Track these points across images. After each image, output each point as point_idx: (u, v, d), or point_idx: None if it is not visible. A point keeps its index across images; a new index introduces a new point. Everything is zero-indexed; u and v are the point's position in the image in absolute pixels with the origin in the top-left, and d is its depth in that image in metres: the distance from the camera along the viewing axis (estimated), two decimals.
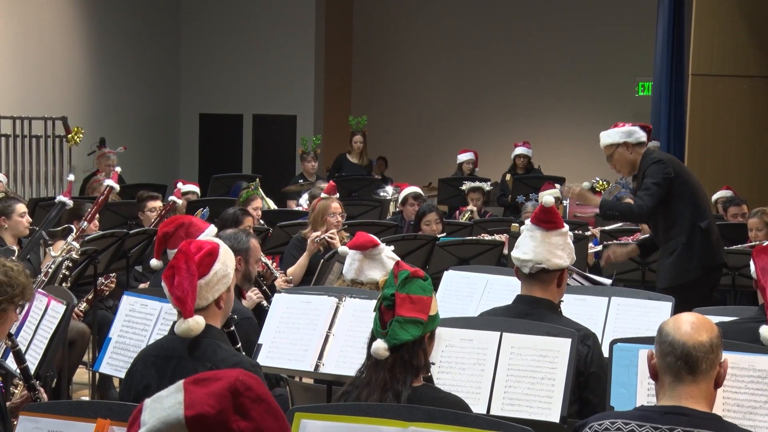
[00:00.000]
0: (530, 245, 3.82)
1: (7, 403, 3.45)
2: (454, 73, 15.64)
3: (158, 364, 3.32)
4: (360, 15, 16.10)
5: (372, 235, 4.74)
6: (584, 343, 3.67)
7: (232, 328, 3.61)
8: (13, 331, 3.71)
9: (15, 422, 2.83)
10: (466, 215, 9.18)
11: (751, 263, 3.84)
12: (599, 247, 7.31)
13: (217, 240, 3.52)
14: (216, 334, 3.35)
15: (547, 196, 3.99)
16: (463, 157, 11.59)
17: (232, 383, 1.54)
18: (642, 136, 6.02)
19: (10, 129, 11.14)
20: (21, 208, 6.57)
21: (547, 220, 3.87)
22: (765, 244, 3.95)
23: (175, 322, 3.31)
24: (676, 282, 5.76)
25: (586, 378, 3.65)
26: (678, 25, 10.82)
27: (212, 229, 4.52)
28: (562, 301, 3.92)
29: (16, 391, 3.72)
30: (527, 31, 15.34)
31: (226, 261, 3.37)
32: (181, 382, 1.56)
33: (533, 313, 3.75)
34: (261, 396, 1.55)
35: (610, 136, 6.10)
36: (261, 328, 4.28)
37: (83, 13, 12.82)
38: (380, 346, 2.86)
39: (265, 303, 5.30)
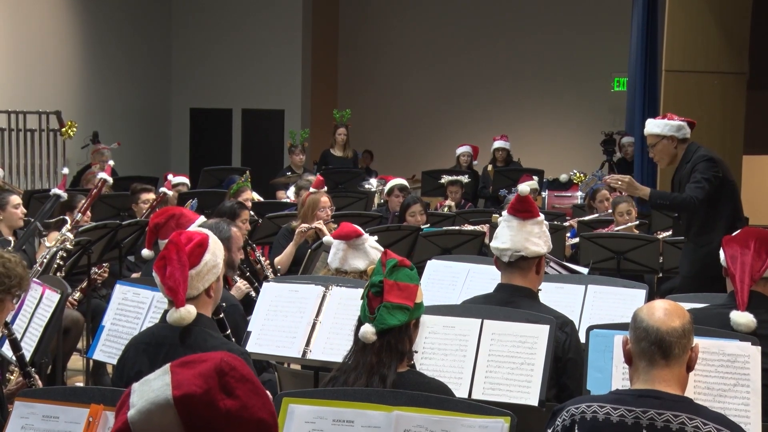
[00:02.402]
0: (508, 234, 3.83)
1: (4, 389, 3.44)
2: (438, 70, 15.65)
3: (149, 352, 3.31)
4: (346, 12, 16.08)
5: (356, 226, 4.75)
6: (562, 330, 3.68)
7: (221, 316, 3.61)
8: (9, 319, 3.70)
9: (11, 407, 2.82)
10: (445, 210, 9.18)
11: (721, 252, 3.87)
12: (576, 239, 7.33)
13: (207, 231, 3.51)
14: (206, 323, 3.34)
15: (523, 186, 4.01)
16: (460, 150, 11.65)
17: (218, 364, 1.54)
18: (688, 132, 5.86)
19: (5, 123, 11.10)
20: (15, 199, 6.54)
21: (523, 209, 3.88)
22: (734, 234, 3.95)
23: (166, 311, 3.31)
24: (704, 274, 5.66)
25: (564, 364, 3.66)
26: (652, 23, 10.86)
27: (202, 219, 4.51)
28: (540, 289, 3.94)
29: (12, 377, 3.71)
30: (509, 29, 15.36)
31: (215, 251, 3.37)
32: (168, 365, 1.57)
33: (514, 300, 3.76)
34: (245, 376, 1.56)
35: (658, 126, 5.89)
36: (249, 316, 4.28)
37: (76, 9, 12.76)
38: (368, 330, 2.86)
39: (253, 294, 5.30)
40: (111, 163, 7.82)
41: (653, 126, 5.93)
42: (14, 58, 11.50)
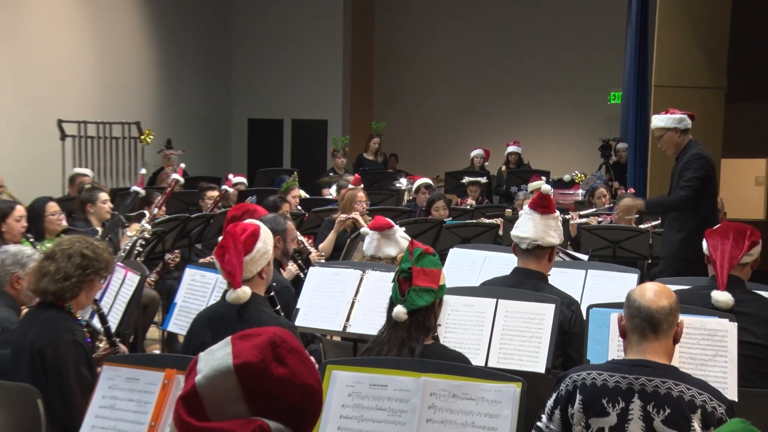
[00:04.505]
0: (529, 225, 3.82)
1: (93, 355, 3.48)
2: (459, 85, 15.60)
3: (212, 326, 3.33)
4: (380, 36, 16.06)
5: (388, 219, 4.74)
6: (569, 308, 3.66)
7: (272, 294, 3.62)
8: (97, 297, 3.74)
9: (100, 370, 2.85)
10: (467, 207, 9.15)
11: (704, 242, 3.85)
12: (583, 220, 7.31)
13: (258, 222, 3.53)
14: (259, 300, 3.36)
15: (546, 185, 3.99)
16: (474, 153, 11.65)
17: (272, 337, 1.55)
18: (689, 123, 5.77)
19: (95, 132, 11.22)
20: (104, 196, 6.61)
21: (544, 205, 3.86)
22: (715, 227, 3.92)
23: (226, 291, 3.33)
24: (681, 255, 5.65)
25: (570, 337, 3.64)
26: (643, 44, 10.75)
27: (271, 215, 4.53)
28: (550, 274, 3.92)
29: (101, 345, 3.75)
30: (520, 49, 15.28)
31: (266, 240, 3.38)
32: (229, 338, 1.57)
33: (528, 282, 3.75)
34: (295, 348, 1.56)
35: (662, 120, 5.79)
36: (298, 295, 4.30)
37: (153, 35, 12.86)
38: (400, 310, 2.85)
39: (301, 274, 5.31)
40: (183, 165, 7.88)
41: (658, 120, 5.83)
42: (102, 79, 11.61)
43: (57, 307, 3.41)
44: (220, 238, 3.47)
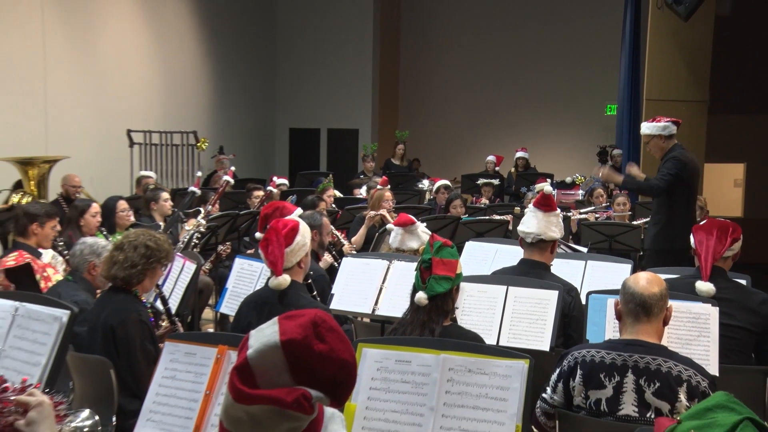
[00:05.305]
0: (533, 222, 3.80)
1: (157, 333, 3.51)
2: (474, 99, 15.56)
3: (257, 308, 3.34)
4: (405, 56, 16.04)
5: (411, 216, 4.73)
6: (569, 294, 3.64)
7: (309, 281, 3.63)
8: (160, 282, 3.76)
9: (162, 346, 2.87)
10: (481, 205, 9.13)
11: (691, 237, 3.81)
12: (583, 216, 7.25)
13: (298, 218, 3.53)
14: (298, 287, 3.36)
15: (548, 186, 3.97)
16: (487, 159, 11.66)
17: (313, 317, 1.55)
18: (673, 129, 5.70)
19: (158, 140, 11.32)
20: (165, 195, 6.66)
21: (546, 204, 3.84)
22: (701, 223, 3.88)
23: (269, 278, 3.33)
24: (654, 247, 5.64)
25: (570, 320, 3.62)
26: (635, 63, 10.65)
27: (299, 210, 4.53)
28: (552, 264, 3.89)
29: (163, 324, 3.78)
30: (528, 66, 15.21)
31: (304, 234, 3.38)
32: (276, 318, 1.58)
33: (532, 272, 3.73)
34: (333, 327, 1.56)
35: (649, 128, 5.73)
36: (333, 282, 4.30)
37: (209, 58, 12.94)
38: (422, 296, 2.85)
39: (336, 264, 5.32)
40: (233, 168, 7.91)
41: (645, 128, 5.79)
42: (165, 95, 11.70)
43: (125, 291, 3.44)
44: (257, 234, 3.51)
